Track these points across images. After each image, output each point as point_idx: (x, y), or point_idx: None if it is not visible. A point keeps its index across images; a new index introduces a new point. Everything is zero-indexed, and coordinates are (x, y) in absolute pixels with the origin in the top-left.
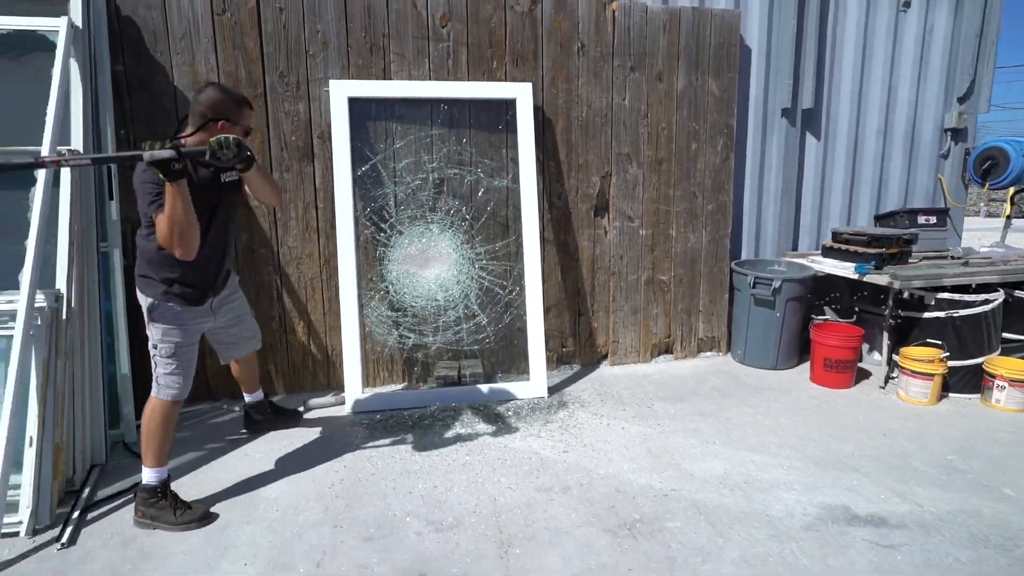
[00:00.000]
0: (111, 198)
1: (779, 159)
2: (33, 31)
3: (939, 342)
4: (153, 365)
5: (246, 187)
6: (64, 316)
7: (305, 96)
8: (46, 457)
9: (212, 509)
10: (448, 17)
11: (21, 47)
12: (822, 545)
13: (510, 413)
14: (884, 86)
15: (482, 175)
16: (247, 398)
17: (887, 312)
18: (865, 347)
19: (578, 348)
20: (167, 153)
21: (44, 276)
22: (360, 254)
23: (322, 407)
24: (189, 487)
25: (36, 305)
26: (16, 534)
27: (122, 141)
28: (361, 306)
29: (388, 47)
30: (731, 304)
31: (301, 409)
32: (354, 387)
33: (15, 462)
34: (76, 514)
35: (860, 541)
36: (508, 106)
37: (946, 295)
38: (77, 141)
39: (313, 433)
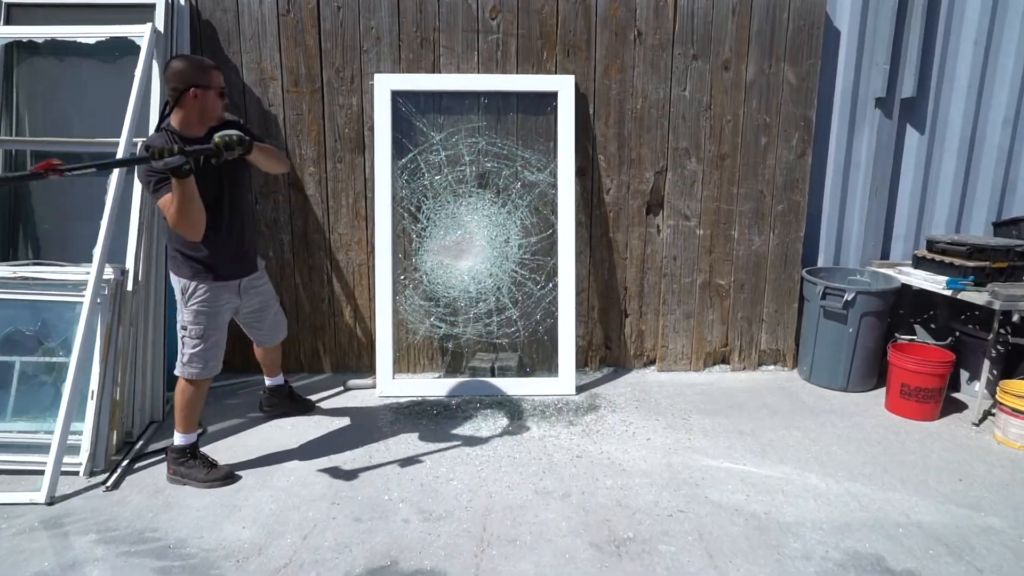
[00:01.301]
0: None
1: (869, 155)
2: (125, 37)
3: None
4: (180, 344)
5: (254, 163)
6: (130, 288)
7: (358, 90)
8: (105, 410)
9: (237, 472)
10: (498, 9)
11: (117, 51)
12: None
13: (535, 411)
14: (1020, 66)
15: (521, 168)
16: (267, 381)
17: (991, 337)
18: (964, 376)
19: (623, 350)
20: (177, 161)
21: (116, 252)
22: (396, 243)
23: (360, 388)
24: (224, 449)
25: (104, 277)
26: (76, 473)
27: None
28: (395, 293)
29: (438, 41)
30: (800, 315)
31: (313, 398)
32: (385, 373)
33: (79, 413)
34: (126, 463)
35: None
36: (551, 99)
37: None
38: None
39: (342, 413)
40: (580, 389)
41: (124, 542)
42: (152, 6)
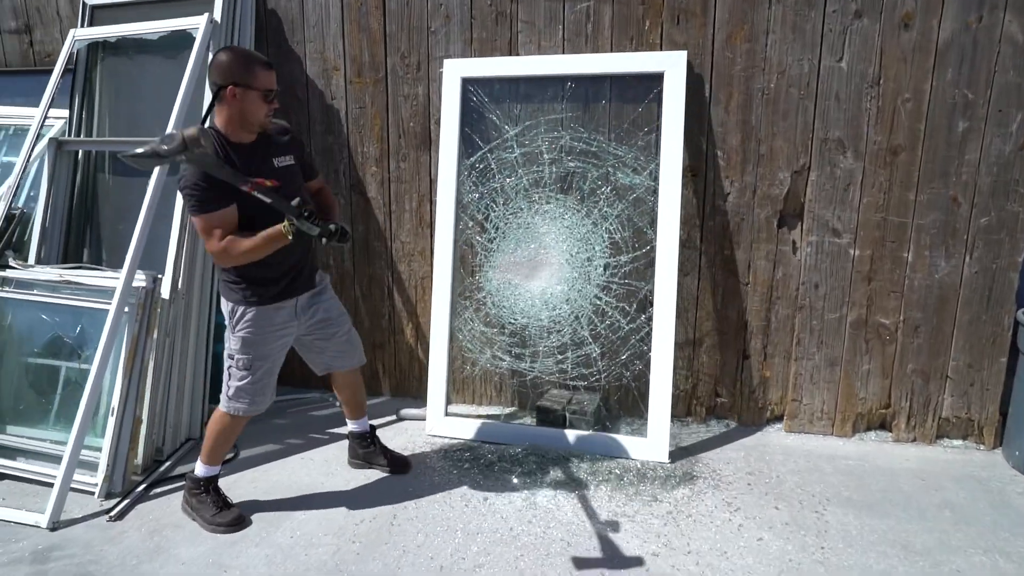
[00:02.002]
0: None
1: None
2: (183, 30)
3: None
4: (226, 376)
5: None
6: (166, 296)
7: (425, 78)
8: (125, 428)
9: (249, 514)
10: None
11: (178, 46)
12: None
13: (611, 476)
14: None
15: (612, 169)
16: (350, 425)
17: None
18: None
19: (738, 400)
20: (316, 231)
21: (155, 258)
22: (458, 256)
23: (414, 419)
24: (247, 483)
25: (134, 284)
26: (93, 493)
27: None
28: (453, 316)
29: (516, 14)
30: (1011, 375)
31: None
32: (437, 408)
33: (101, 427)
34: (142, 487)
35: None
36: (654, 82)
37: None
38: None
39: None
40: (677, 448)
41: None
42: None
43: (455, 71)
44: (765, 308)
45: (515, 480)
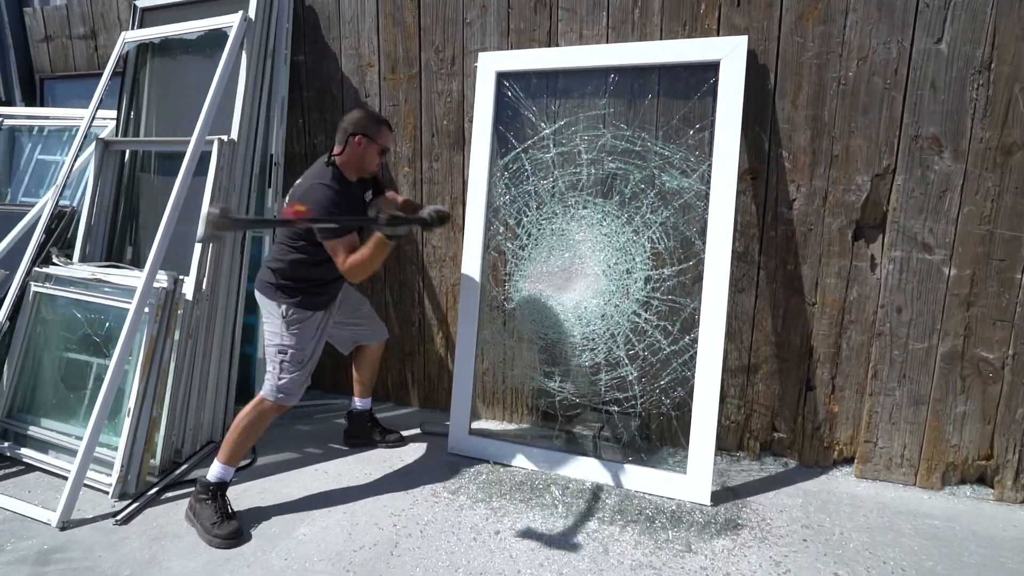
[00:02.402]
0: (269, 186)
1: None
2: (219, 29)
3: None
4: (274, 369)
5: None
6: (190, 297)
7: (459, 73)
8: (141, 428)
9: (251, 528)
10: None
11: (218, 44)
12: None
13: (641, 516)
14: None
15: (658, 171)
16: (357, 403)
17: None
18: None
19: (798, 437)
20: (404, 231)
21: (181, 258)
22: (487, 264)
23: (438, 434)
24: (256, 492)
25: (155, 285)
26: (107, 492)
27: (300, 130)
28: (481, 327)
29: (556, 2)
30: None
31: (405, 433)
32: (460, 424)
33: (121, 427)
34: (154, 490)
35: None
36: (708, 72)
37: None
38: (235, 130)
39: (399, 468)
40: (722, 488)
41: None
42: None
43: (489, 65)
44: (835, 333)
45: (532, 514)
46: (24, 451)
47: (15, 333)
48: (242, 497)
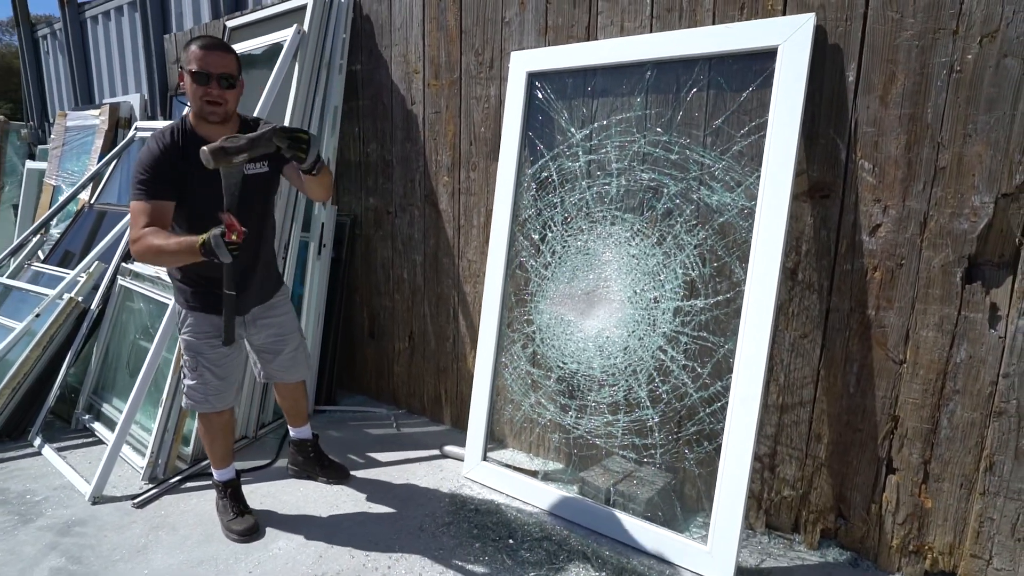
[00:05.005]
0: None
1: None
2: (280, 43)
3: None
4: (181, 375)
5: (293, 181)
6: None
7: (497, 76)
8: (172, 417)
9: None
10: None
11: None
12: None
13: None
14: None
15: (697, 183)
16: (291, 432)
17: None
18: None
19: (872, 531)
20: (228, 259)
21: None
22: (509, 281)
23: (455, 458)
24: (261, 496)
25: None
26: (140, 473)
27: (356, 138)
28: (500, 350)
29: None
30: None
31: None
32: (475, 451)
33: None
34: (177, 478)
35: None
36: (763, 62)
37: None
38: None
39: (398, 493)
40: (759, 568)
41: None
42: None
43: (521, 64)
44: (931, 404)
45: (530, 568)
46: (97, 425)
47: (103, 319)
48: (249, 498)
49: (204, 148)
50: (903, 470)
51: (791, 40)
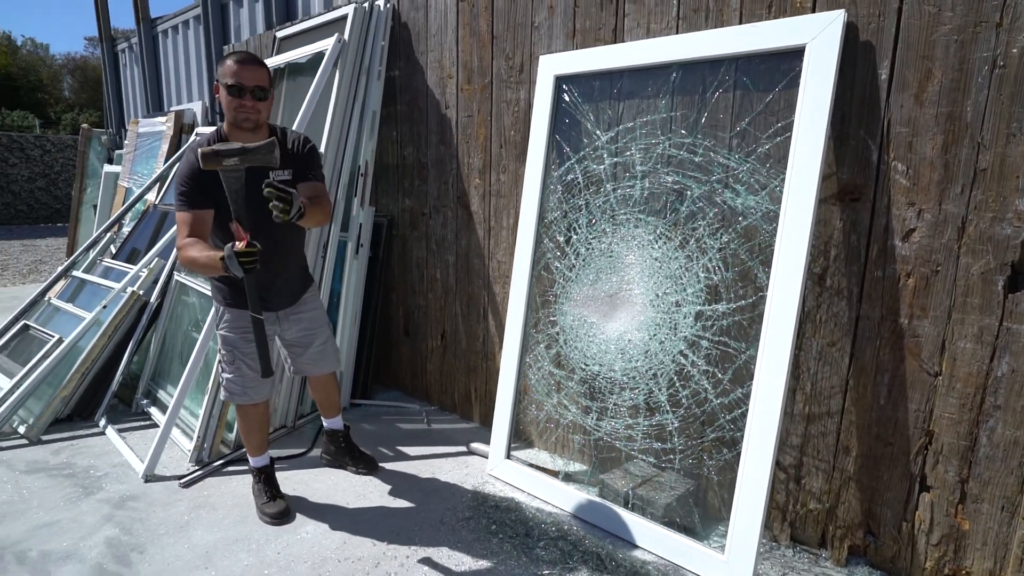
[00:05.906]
0: (356, 195)
1: None
2: (323, 52)
3: None
4: (220, 368)
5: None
6: None
7: (527, 80)
8: (217, 406)
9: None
10: None
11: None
12: None
13: None
14: None
15: (721, 186)
16: (324, 423)
17: None
18: None
19: (903, 550)
20: (240, 275)
21: None
22: (534, 282)
23: (480, 455)
24: (294, 483)
25: None
26: (188, 455)
27: (394, 142)
28: (524, 350)
29: None
30: None
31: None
32: (499, 448)
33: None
34: (220, 462)
35: None
36: (791, 61)
37: None
38: (323, 143)
39: (422, 487)
40: None
41: (87, 563)
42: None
43: (549, 68)
44: (969, 419)
45: (542, 566)
46: (153, 410)
47: (161, 311)
48: (283, 484)
49: (198, 149)
50: (938, 488)
51: (819, 38)
